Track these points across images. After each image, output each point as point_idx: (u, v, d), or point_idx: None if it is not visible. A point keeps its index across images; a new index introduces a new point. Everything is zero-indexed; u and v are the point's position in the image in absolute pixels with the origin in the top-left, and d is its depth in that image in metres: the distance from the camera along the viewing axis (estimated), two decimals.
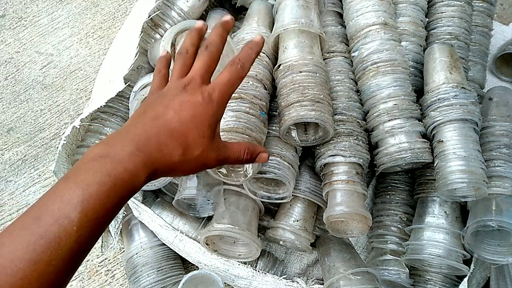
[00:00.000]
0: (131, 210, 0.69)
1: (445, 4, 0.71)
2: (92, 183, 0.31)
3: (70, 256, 0.29)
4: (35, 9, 1.03)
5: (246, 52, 0.43)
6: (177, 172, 0.39)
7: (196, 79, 0.40)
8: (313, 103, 0.57)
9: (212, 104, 0.39)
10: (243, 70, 0.42)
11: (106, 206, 0.32)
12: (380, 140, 0.63)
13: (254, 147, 0.46)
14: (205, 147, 0.39)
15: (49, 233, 0.29)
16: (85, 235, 0.30)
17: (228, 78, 0.41)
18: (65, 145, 0.64)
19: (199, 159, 0.39)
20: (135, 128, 0.36)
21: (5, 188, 0.86)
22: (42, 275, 0.28)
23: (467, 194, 0.58)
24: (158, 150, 0.36)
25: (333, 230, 0.62)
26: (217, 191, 0.64)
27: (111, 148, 0.34)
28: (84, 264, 0.79)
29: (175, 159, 0.37)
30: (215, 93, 0.40)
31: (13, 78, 0.96)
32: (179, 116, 0.38)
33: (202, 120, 0.38)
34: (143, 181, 0.35)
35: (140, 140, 0.35)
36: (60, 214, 0.29)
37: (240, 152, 0.44)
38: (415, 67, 0.68)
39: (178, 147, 0.37)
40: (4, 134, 0.91)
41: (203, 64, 0.41)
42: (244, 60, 0.42)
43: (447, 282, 0.65)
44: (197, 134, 0.38)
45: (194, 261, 0.67)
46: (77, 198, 0.30)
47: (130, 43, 0.67)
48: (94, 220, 0.31)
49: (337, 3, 0.73)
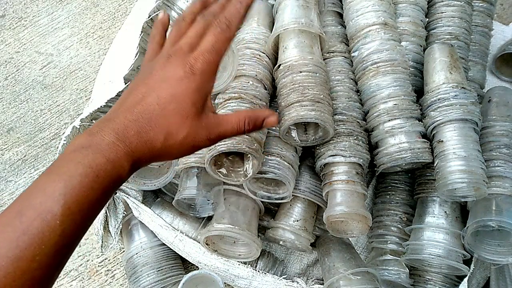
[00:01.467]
0: (131, 210, 0.69)
1: (445, 4, 0.71)
2: (74, 175, 0.30)
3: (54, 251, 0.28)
4: (35, 9, 1.03)
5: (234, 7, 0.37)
6: (163, 158, 0.36)
7: (183, 48, 0.36)
8: (313, 103, 0.57)
9: (195, 77, 0.35)
10: (230, 31, 0.37)
11: (89, 198, 0.30)
12: (380, 140, 0.63)
13: (256, 113, 0.40)
14: (190, 128, 0.35)
15: (32, 229, 0.28)
16: (69, 229, 0.29)
17: (213, 43, 0.36)
18: (65, 145, 0.64)
19: (186, 142, 0.36)
20: (117, 115, 0.34)
21: (5, 188, 0.86)
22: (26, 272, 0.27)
23: (467, 194, 0.58)
24: (137, 138, 0.33)
25: (333, 230, 0.62)
26: (217, 191, 0.64)
27: (92, 138, 0.32)
28: (84, 264, 0.79)
29: (157, 146, 0.34)
30: (197, 64, 0.35)
31: (13, 78, 0.96)
32: (158, 98, 0.34)
33: (184, 98, 0.35)
34: (128, 170, 0.33)
35: (120, 129, 0.33)
36: (43, 208, 0.28)
37: (239, 123, 0.39)
38: (415, 67, 0.68)
39: (159, 133, 0.34)
40: (4, 134, 0.91)
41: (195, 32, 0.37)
42: (231, 18, 0.37)
43: (447, 282, 0.65)
44: (179, 115, 0.35)
45: (194, 261, 0.67)
46: (59, 191, 0.29)
47: (130, 43, 0.67)
48: (78, 213, 0.29)
49: (337, 3, 0.73)
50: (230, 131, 0.38)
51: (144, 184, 0.67)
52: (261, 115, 0.40)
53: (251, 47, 0.64)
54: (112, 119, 0.34)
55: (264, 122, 0.40)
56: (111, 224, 0.72)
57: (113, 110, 0.35)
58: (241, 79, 0.61)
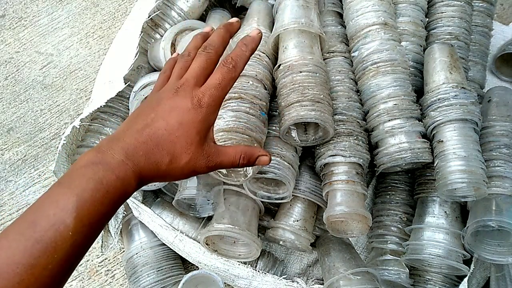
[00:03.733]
0: (131, 210, 0.69)
1: (445, 4, 0.71)
2: (86, 189, 0.32)
3: (65, 260, 0.30)
4: (35, 9, 1.03)
5: (240, 49, 0.41)
6: (165, 179, 0.39)
7: (190, 82, 0.39)
8: (313, 103, 0.57)
9: (202, 109, 0.38)
10: (235, 71, 0.40)
11: (100, 211, 0.32)
12: (380, 140, 0.63)
13: (251, 150, 0.43)
14: (193, 154, 0.38)
15: (45, 238, 0.29)
16: (80, 240, 0.31)
17: (219, 81, 0.39)
18: (65, 145, 0.64)
19: (187, 167, 0.39)
20: (126, 136, 0.37)
21: (5, 188, 0.86)
22: (39, 279, 0.28)
23: (467, 194, 0.58)
24: (145, 159, 0.36)
25: (333, 230, 0.62)
26: (217, 191, 0.64)
27: (102, 156, 0.34)
28: (84, 264, 0.79)
29: (163, 168, 0.37)
30: (205, 98, 0.39)
31: (13, 78, 0.96)
32: (167, 124, 0.37)
33: (190, 127, 0.38)
34: (134, 187, 0.36)
35: (129, 149, 0.36)
36: (56, 219, 0.30)
37: (236, 156, 0.42)
38: (415, 67, 0.68)
39: (165, 156, 0.37)
40: (4, 134, 0.91)
41: (198, 66, 0.40)
42: (237, 59, 0.40)
43: (447, 282, 0.65)
44: (185, 142, 0.38)
45: (194, 261, 0.67)
46: (72, 204, 0.31)
47: (130, 43, 0.67)
48: (89, 225, 0.31)
49: (337, 3, 0.73)
50: (227, 162, 0.42)
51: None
52: (256, 154, 0.44)
53: None
54: (121, 139, 0.36)
55: (257, 159, 0.44)
56: (111, 224, 0.72)
57: (122, 131, 0.38)
58: (241, 79, 0.61)
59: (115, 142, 0.36)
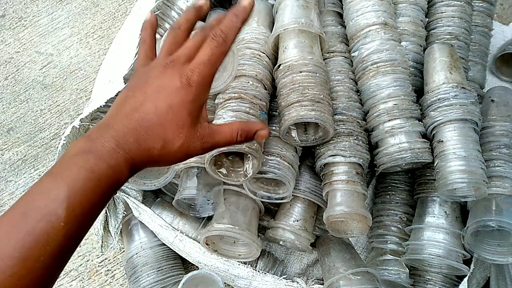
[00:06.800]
0: (131, 210, 0.69)
1: (445, 4, 0.71)
2: (77, 179, 0.31)
3: (58, 252, 0.29)
4: (35, 9, 1.03)
5: (230, 20, 0.38)
6: (159, 164, 0.38)
7: (180, 59, 0.37)
8: (313, 103, 0.57)
9: (191, 89, 0.36)
10: (226, 44, 0.37)
11: (92, 201, 0.31)
12: (380, 140, 0.63)
13: (248, 126, 0.41)
14: (186, 137, 0.37)
15: (37, 230, 0.28)
16: (72, 230, 0.30)
17: (209, 56, 0.37)
18: (65, 145, 0.64)
19: (181, 150, 0.37)
20: (115, 122, 0.35)
21: (5, 188, 0.86)
22: (31, 272, 0.28)
23: (467, 194, 0.58)
24: (136, 145, 0.35)
25: (333, 230, 0.62)
26: (217, 191, 0.64)
27: (93, 144, 0.33)
28: (84, 264, 0.79)
29: (155, 154, 0.36)
30: (194, 76, 0.36)
31: (13, 78, 0.96)
32: (155, 107, 0.35)
33: (180, 109, 0.36)
34: (127, 175, 0.35)
35: (119, 137, 0.34)
36: (47, 210, 0.29)
37: (232, 134, 0.40)
38: (415, 67, 0.68)
39: (157, 141, 0.35)
40: (4, 134, 0.91)
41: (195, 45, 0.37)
42: (227, 32, 0.38)
43: (447, 282, 0.65)
44: (176, 125, 0.36)
45: (194, 261, 0.67)
46: (63, 194, 0.30)
47: (130, 43, 0.67)
48: (81, 215, 0.31)
49: (337, 3, 0.73)
50: (223, 141, 0.40)
51: (144, 184, 0.67)
52: (254, 128, 0.41)
53: (251, 47, 0.64)
54: (111, 126, 0.35)
55: (256, 134, 0.42)
56: (111, 224, 0.72)
57: (111, 116, 0.37)
58: (241, 79, 0.61)
59: (105, 129, 0.35)
